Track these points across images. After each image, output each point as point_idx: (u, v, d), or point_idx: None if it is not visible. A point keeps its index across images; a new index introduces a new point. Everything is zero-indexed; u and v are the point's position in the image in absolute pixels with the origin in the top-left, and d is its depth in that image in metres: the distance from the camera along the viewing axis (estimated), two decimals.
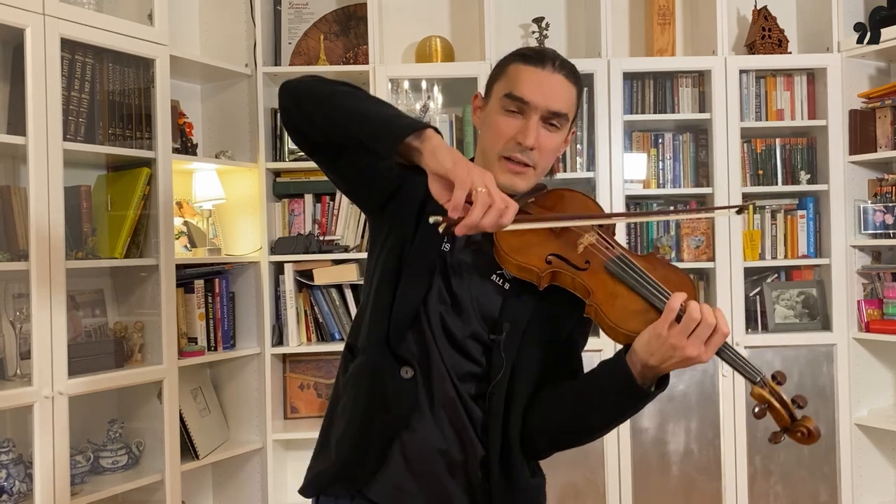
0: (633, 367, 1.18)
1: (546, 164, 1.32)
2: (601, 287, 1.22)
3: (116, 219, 2.56)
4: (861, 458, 3.05)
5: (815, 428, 1.17)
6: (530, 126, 1.26)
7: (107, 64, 2.51)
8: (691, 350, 1.12)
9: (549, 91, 1.27)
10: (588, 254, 1.25)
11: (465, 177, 1.09)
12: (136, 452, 2.64)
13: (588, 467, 3.01)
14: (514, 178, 1.28)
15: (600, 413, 1.24)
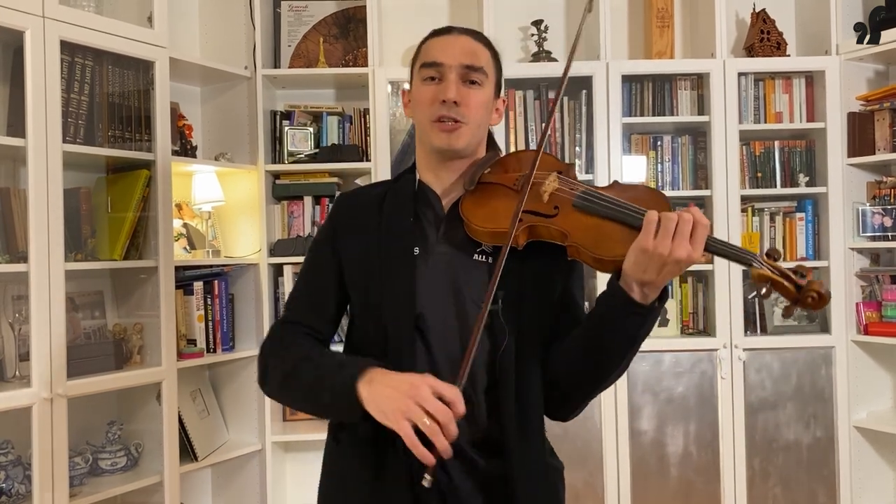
0: (629, 289, 1.16)
1: (477, 118, 1.32)
2: (575, 225, 1.22)
3: (116, 221, 2.57)
4: (860, 460, 3.05)
5: (825, 291, 1.15)
6: (449, 83, 1.30)
7: (106, 66, 2.52)
8: (680, 251, 1.11)
9: (457, 49, 1.31)
10: (554, 199, 1.26)
11: (398, 420, 1.09)
12: (135, 454, 2.64)
13: (586, 470, 3.01)
14: (447, 136, 1.30)
15: (614, 345, 1.21)
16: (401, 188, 1.38)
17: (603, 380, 1.27)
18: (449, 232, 1.32)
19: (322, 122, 3.14)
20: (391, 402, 1.11)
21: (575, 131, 3.10)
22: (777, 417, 3.05)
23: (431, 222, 1.34)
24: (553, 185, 1.28)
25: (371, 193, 1.40)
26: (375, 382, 1.15)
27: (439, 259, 1.30)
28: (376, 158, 3.00)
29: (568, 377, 1.28)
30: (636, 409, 3.03)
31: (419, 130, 1.38)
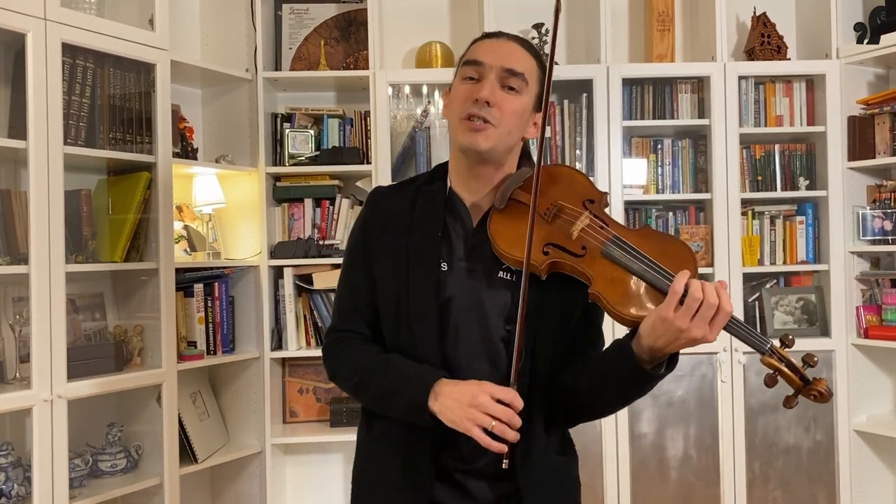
0: (640, 348, 1.20)
1: (510, 125, 1.31)
2: (601, 273, 1.22)
3: (116, 223, 2.57)
4: (860, 464, 3.05)
5: (826, 390, 1.21)
6: (485, 82, 1.30)
7: (108, 68, 2.53)
8: (696, 331, 1.14)
9: (501, 52, 1.31)
10: (583, 239, 1.26)
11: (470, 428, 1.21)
12: (135, 456, 2.64)
13: (586, 472, 2.99)
14: (474, 135, 1.29)
15: (612, 395, 1.29)
16: (432, 195, 1.39)
17: (594, 416, 1.41)
18: (476, 247, 1.34)
19: (323, 125, 3.14)
20: (460, 413, 1.21)
21: (575, 134, 3.10)
22: (777, 421, 3.05)
23: (460, 235, 1.36)
24: (583, 223, 1.28)
25: (402, 196, 1.42)
26: (442, 396, 1.24)
27: (466, 274, 1.33)
28: (377, 161, 3.01)
29: (570, 402, 1.35)
30: (636, 411, 3.03)
31: (450, 130, 1.38)
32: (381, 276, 1.38)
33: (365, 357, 1.38)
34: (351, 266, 1.44)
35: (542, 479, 1.35)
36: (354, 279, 1.43)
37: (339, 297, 1.47)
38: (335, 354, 1.43)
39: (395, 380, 1.31)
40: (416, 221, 1.36)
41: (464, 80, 1.33)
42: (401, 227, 1.37)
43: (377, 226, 1.41)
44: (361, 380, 1.36)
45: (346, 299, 1.45)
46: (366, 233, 1.42)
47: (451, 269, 1.33)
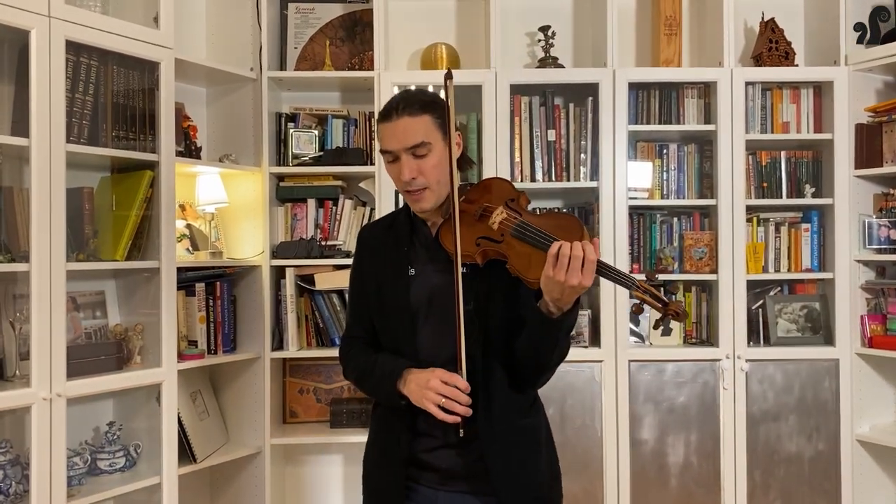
0: (545, 305, 1.49)
1: (436, 177, 1.61)
2: (513, 251, 1.55)
3: (118, 221, 2.57)
4: (862, 474, 3.03)
5: (681, 309, 1.49)
6: (402, 166, 1.60)
7: (111, 66, 2.52)
8: (573, 279, 1.42)
9: (399, 135, 1.59)
10: (501, 228, 1.59)
11: (426, 404, 1.54)
12: (134, 455, 2.63)
13: (587, 478, 3.00)
14: (417, 203, 1.63)
15: (538, 347, 1.56)
16: (401, 221, 1.75)
17: (539, 371, 1.63)
18: (437, 253, 1.66)
19: (327, 125, 3.14)
20: (419, 394, 1.56)
21: (580, 138, 3.08)
22: (779, 429, 3.03)
23: (424, 245, 1.71)
24: (501, 216, 1.60)
25: (381, 227, 1.80)
26: (408, 382, 1.59)
27: (430, 275, 1.67)
28: (379, 162, 2.99)
29: (521, 365, 1.63)
30: (637, 418, 3.01)
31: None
32: (371, 288, 1.74)
33: (362, 357, 1.75)
34: (354, 287, 1.83)
35: (504, 442, 1.61)
36: (355, 294, 1.81)
37: (348, 310, 1.89)
38: (344, 356, 1.81)
39: (380, 375, 1.66)
40: (389, 243, 1.73)
41: (388, 164, 1.64)
42: (380, 248, 1.75)
43: (365, 255, 1.79)
44: (360, 376, 1.75)
45: (353, 312, 1.83)
46: (359, 258, 1.81)
47: (419, 273, 1.67)
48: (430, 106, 1.62)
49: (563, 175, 3.09)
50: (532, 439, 1.67)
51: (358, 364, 1.75)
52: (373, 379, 1.69)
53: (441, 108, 1.61)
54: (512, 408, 1.64)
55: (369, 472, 1.76)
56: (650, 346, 3.09)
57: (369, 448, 1.78)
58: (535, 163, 3.08)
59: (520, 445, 1.64)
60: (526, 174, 3.08)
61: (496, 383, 1.62)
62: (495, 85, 2.98)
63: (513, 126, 3.05)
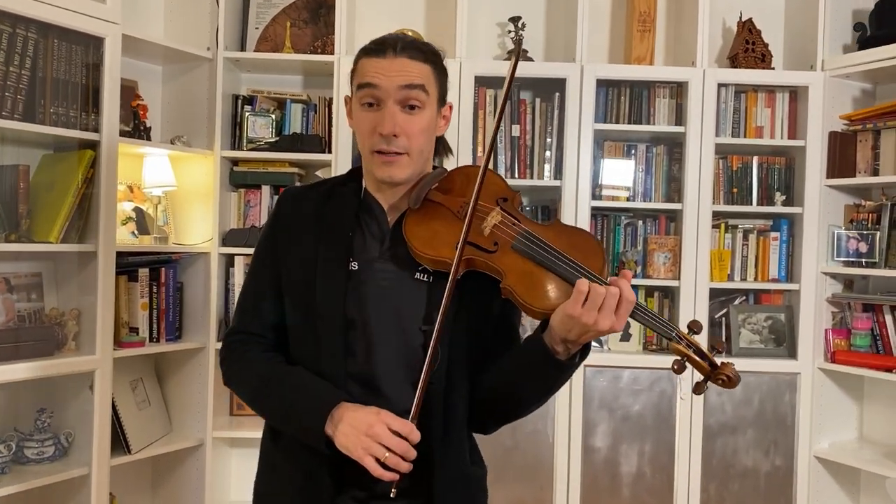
0: (553, 341, 1.21)
1: (420, 145, 1.30)
2: (512, 268, 1.23)
3: (54, 201, 2.46)
4: (819, 491, 2.96)
5: (734, 374, 1.21)
6: (386, 114, 1.26)
7: (52, 39, 2.41)
8: (603, 323, 1.16)
9: (394, 73, 1.27)
10: (495, 235, 1.26)
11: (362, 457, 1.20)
12: (65, 444, 2.55)
13: (537, 484, 2.93)
14: (388, 168, 1.29)
15: (531, 388, 1.29)
16: (345, 196, 1.37)
17: (518, 413, 1.36)
18: (392, 248, 1.32)
19: (286, 110, 3.04)
20: (354, 440, 1.20)
21: (546, 135, 2.99)
22: (736, 442, 2.96)
23: (375, 236, 1.34)
24: (495, 219, 1.28)
25: (313, 196, 1.39)
26: (340, 422, 1.22)
27: (380, 276, 1.31)
28: (338, 150, 2.90)
29: (491, 403, 1.34)
30: (591, 425, 2.94)
31: (363, 155, 1.34)
32: (287, 279, 1.35)
33: (265, 367, 1.34)
34: (257, 268, 1.41)
35: (457, 489, 1.33)
36: (259, 281, 1.40)
37: (241, 298, 1.45)
38: (235, 359, 1.39)
39: (294, 399, 1.28)
40: (326, 220, 1.34)
41: (362, 105, 1.30)
42: (310, 226, 1.34)
43: (285, 226, 1.38)
44: (258, 392, 1.34)
45: (248, 302, 1.42)
46: (273, 234, 1.39)
47: (363, 270, 1.31)
48: (434, 59, 1.32)
49: (527, 172, 2.99)
50: (481, 488, 1.42)
51: (258, 372, 1.34)
52: (283, 401, 1.29)
53: (442, 67, 1.33)
54: (464, 455, 1.36)
55: None
56: (608, 350, 3.00)
57: (265, 497, 1.40)
58: (499, 157, 2.99)
59: (471, 496, 1.38)
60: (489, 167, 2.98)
61: (457, 424, 1.32)
62: (459, 75, 2.88)
63: (476, 119, 2.95)
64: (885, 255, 2.82)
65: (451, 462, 1.32)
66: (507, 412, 1.36)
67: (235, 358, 1.39)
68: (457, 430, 1.33)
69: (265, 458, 1.41)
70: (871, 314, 2.88)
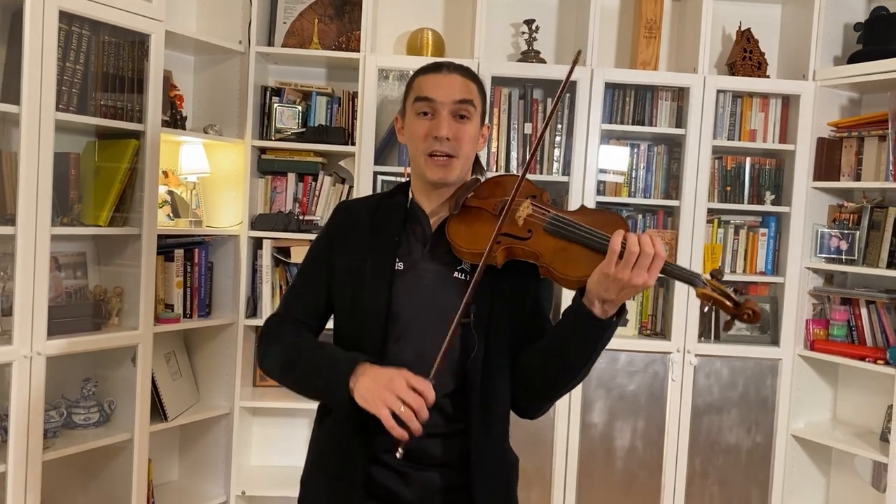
0: (591, 304, 1.32)
1: (467, 151, 1.48)
2: (546, 247, 1.38)
3: (103, 187, 2.64)
4: (794, 467, 3.24)
5: (759, 308, 1.33)
6: (442, 119, 1.44)
7: (103, 36, 2.58)
8: (637, 279, 1.26)
9: (448, 87, 1.45)
10: (528, 224, 1.41)
11: (379, 408, 1.29)
12: (108, 411, 2.76)
13: (537, 455, 3.18)
14: (442, 170, 1.46)
15: (575, 354, 1.38)
16: (393, 205, 1.54)
17: (566, 383, 1.44)
18: (434, 250, 1.48)
19: (311, 101, 3.21)
20: (373, 393, 1.30)
21: (555, 133, 3.19)
22: (721, 421, 3.22)
23: (419, 239, 1.50)
24: (527, 210, 1.43)
25: (365, 207, 1.56)
26: (362, 376, 1.33)
27: (423, 274, 1.47)
28: (361, 143, 3.09)
29: (536, 380, 1.44)
30: (589, 402, 3.19)
31: (413, 160, 1.52)
32: (339, 274, 1.51)
33: (300, 340, 1.49)
34: (310, 264, 1.58)
35: (493, 473, 1.45)
36: (309, 276, 1.57)
37: (289, 290, 1.62)
38: (274, 331, 1.54)
39: (322, 360, 1.42)
40: (375, 227, 1.51)
41: (418, 116, 1.47)
42: (361, 233, 1.51)
43: (341, 229, 1.55)
44: (290, 359, 1.47)
45: (297, 291, 1.59)
46: (330, 237, 1.56)
47: (407, 270, 1.46)
48: (479, 81, 1.52)
49: (537, 168, 3.20)
50: (516, 475, 1.56)
51: (292, 345, 1.47)
52: (311, 362, 1.42)
53: (484, 92, 1.53)
54: (504, 441, 1.50)
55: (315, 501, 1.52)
56: None
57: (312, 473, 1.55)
58: (511, 154, 3.19)
59: (506, 481, 1.52)
60: (501, 165, 3.19)
61: (497, 412, 1.44)
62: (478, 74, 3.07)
63: (491, 117, 3.15)
64: (864, 253, 3.07)
65: (490, 447, 1.44)
66: (554, 385, 1.43)
67: (272, 333, 1.54)
68: (495, 418, 1.44)
69: (314, 445, 1.56)
70: (849, 307, 3.14)
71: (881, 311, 3.03)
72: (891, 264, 2.95)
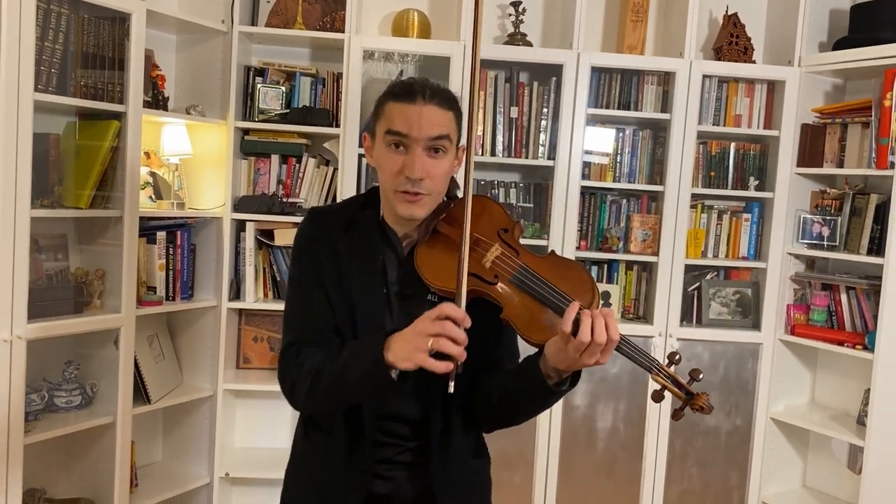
0: (546, 366, 1.33)
1: (440, 188, 1.42)
2: (510, 300, 1.36)
3: (83, 169, 2.61)
4: (772, 449, 3.29)
5: (707, 404, 1.35)
6: (415, 158, 1.36)
7: (82, 15, 2.53)
8: (588, 360, 1.26)
9: (423, 123, 1.36)
10: (495, 267, 1.38)
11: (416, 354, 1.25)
12: (90, 394, 2.75)
13: (520, 438, 3.21)
14: (411, 207, 1.39)
15: (523, 405, 1.43)
16: (367, 226, 1.47)
17: (514, 422, 1.50)
18: (407, 274, 1.44)
19: (295, 82, 3.18)
20: (407, 347, 1.26)
21: (541, 117, 3.18)
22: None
23: (393, 264, 1.46)
24: (495, 253, 1.39)
25: (337, 223, 1.48)
26: (392, 344, 1.28)
27: (400, 299, 1.45)
28: (345, 125, 3.07)
29: (490, 408, 1.48)
30: None
31: (383, 190, 1.46)
32: (341, 300, 1.44)
33: (316, 358, 1.41)
34: (299, 285, 1.49)
35: (455, 480, 1.48)
36: (304, 295, 1.47)
37: (289, 317, 1.50)
38: (292, 368, 1.43)
39: (349, 353, 1.36)
40: (354, 253, 1.45)
41: (389, 147, 1.39)
42: (340, 256, 1.45)
43: (320, 249, 1.47)
44: (317, 371, 1.39)
45: (298, 316, 1.49)
46: (309, 253, 1.48)
47: (388, 294, 1.45)
48: (456, 105, 1.43)
49: (522, 152, 3.20)
50: (483, 478, 1.60)
51: (315, 361, 1.40)
52: (338, 363, 1.36)
53: (460, 112, 1.44)
54: (468, 447, 1.53)
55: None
56: None
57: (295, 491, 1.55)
58: (497, 137, 3.18)
59: (471, 485, 1.55)
60: (487, 148, 3.18)
61: (456, 421, 1.48)
62: (463, 58, 3.05)
63: (477, 100, 3.13)
64: (845, 239, 3.10)
65: (452, 456, 1.47)
66: (503, 419, 1.50)
67: (292, 366, 1.44)
68: (458, 429, 1.48)
69: (298, 452, 1.57)
70: (829, 293, 3.18)
71: (861, 297, 3.06)
72: (871, 251, 2.98)
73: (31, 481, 2.61)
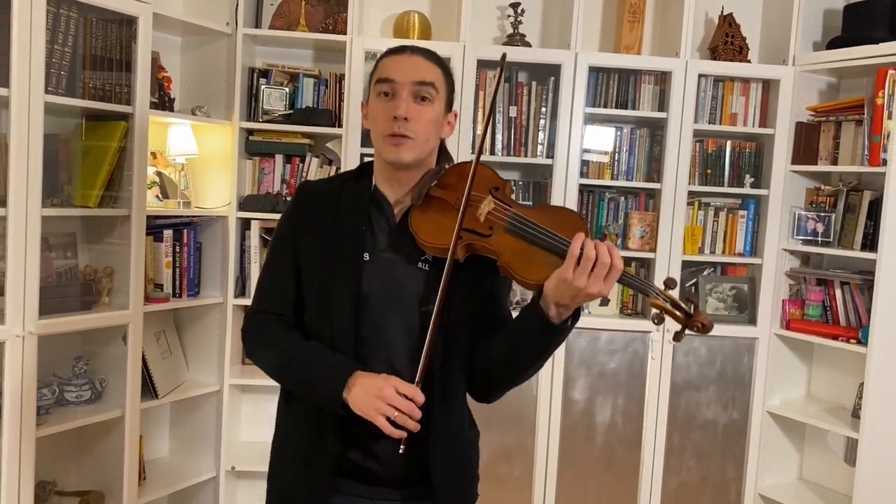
0: (546, 307, 1.35)
1: (426, 133, 1.46)
2: (506, 247, 1.40)
3: (92, 169, 2.67)
4: (768, 442, 3.34)
5: (707, 321, 1.37)
6: (401, 100, 1.44)
7: (90, 19, 2.59)
8: (593, 287, 1.29)
9: (409, 67, 1.45)
10: (490, 220, 1.43)
11: (375, 416, 1.36)
12: (99, 388, 2.81)
13: (520, 431, 3.26)
14: (397, 150, 1.44)
15: (529, 353, 1.43)
16: (357, 191, 1.53)
17: (518, 378, 1.50)
18: (399, 241, 1.49)
19: (298, 82, 3.24)
20: (367, 403, 1.37)
21: (539, 116, 3.24)
22: (699, 398, 3.31)
23: (383, 229, 1.50)
24: (488, 206, 1.44)
25: (328, 191, 1.55)
26: (354, 387, 1.39)
27: (388, 265, 1.48)
28: (348, 126, 3.13)
29: (493, 371, 1.50)
30: (571, 380, 3.27)
31: (374, 143, 1.51)
32: (305, 265, 1.51)
33: (288, 341, 1.51)
34: (276, 253, 1.57)
35: (451, 451, 1.52)
36: (279, 265, 1.56)
37: (262, 281, 1.60)
38: (260, 333, 1.56)
39: (315, 370, 1.45)
40: (341, 214, 1.50)
41: (379, 97, 1.47)
42: (327, 218, 1.50)
43: (304, 215, 1.54)
44: (283, 363, 1.50)
45: (270, 283, 1.58)
46: (293, 223, 1.54)
47: (374, 261, 1.48)
48: (444, 66, 1.51)
49: (521, 150, 3.25)
50: (474, 450, 1.62)
51: (283, 347, 1.50)
52: (304, 373, 1.46)
53: (451, 77, 1.52)
54: (462, 421, 1.55)
55: (284, 484, 1.59)
56: (588, 314, 3.32)
57: (280, 454, 1.60)
58: (496, 136, 3.24)
59: (465, 457, 1.58)
60: (486, 147, 3.24)
61: (453, 395, 1.50)
62: (463, 59, 3.11)
63: (476, 99, 3.19)
64: (839, 235, 3.15)
65: (449, 428, 1.49)
66: (510, 378, 1.49)
67: (258, 335, 1.56)
68: (455, 398, 1.51)
69: (280, 423, 1.61)
70: (824, 288, 3.23)
71: (855, 292, 3.12)
72: (865, 246, 3.03)
73: (42, 474, 2.68)
